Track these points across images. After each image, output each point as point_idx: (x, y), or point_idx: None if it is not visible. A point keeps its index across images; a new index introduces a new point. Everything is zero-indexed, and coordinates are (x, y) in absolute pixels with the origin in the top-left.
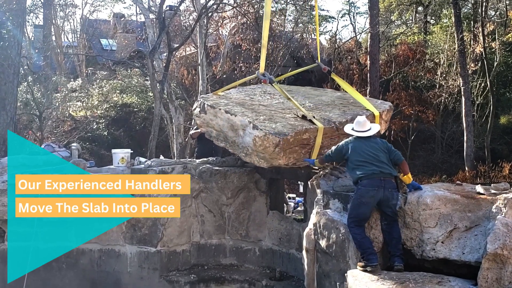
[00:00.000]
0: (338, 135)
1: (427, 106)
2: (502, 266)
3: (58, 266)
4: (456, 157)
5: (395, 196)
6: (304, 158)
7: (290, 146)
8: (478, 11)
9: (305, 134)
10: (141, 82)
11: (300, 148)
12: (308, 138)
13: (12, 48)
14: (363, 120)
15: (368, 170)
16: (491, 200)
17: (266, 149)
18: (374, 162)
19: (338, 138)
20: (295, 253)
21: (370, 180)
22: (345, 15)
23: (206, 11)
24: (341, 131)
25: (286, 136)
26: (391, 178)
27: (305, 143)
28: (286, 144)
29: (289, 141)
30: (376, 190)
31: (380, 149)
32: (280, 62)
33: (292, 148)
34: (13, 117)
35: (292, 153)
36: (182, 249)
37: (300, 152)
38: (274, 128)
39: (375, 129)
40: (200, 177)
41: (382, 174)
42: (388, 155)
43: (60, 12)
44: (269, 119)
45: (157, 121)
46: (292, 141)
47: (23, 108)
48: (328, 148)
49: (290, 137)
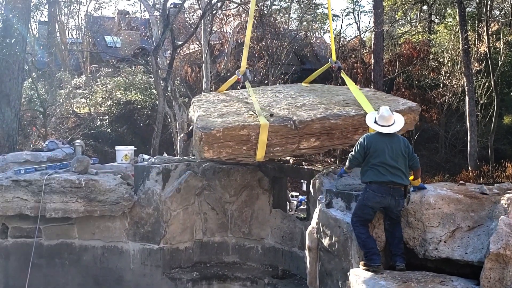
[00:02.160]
0: (298, 134)
1: (431, 105)
2: (504, 266)
3: (61, 263)
4: (460, 156)
5: (401, 204)
6: (277, 158)
7: (217, 140)
8: (483, 11)
9: (243, 131)
10: (145, 79)
11: (236, 143)
12: (248, 135)
13: (18, 44)
14: (388, 114)
15: (381, 177)
16: (494, 200)
17: (195, 142)
18: (389, 169)
19: (298, 137)
20: (297, 252)
21: (379, 187)
22: (350, 14)
23: (211, 8)
24: (303, 131)
25: (211, 130)
26: (401, 187)
27: (244, 139)
28: (212, 139)
29: (215, 136)
30: (383, 197)
31: (400, 153)
32: (284, 60)
33: (223, 143)
34: (17, 113)
35: (224, 148)
36: (185, 246)
37: (238, 148)
38: (208, 122)
39: (399, 124)
40: (203, 175)
41: (392, 183)
42: (407, 161)
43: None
44: (221, 114)
45: (160, 119)
46: (220, 136)
47: (27, 104)
48: (280, 146)
49: (217, 132)
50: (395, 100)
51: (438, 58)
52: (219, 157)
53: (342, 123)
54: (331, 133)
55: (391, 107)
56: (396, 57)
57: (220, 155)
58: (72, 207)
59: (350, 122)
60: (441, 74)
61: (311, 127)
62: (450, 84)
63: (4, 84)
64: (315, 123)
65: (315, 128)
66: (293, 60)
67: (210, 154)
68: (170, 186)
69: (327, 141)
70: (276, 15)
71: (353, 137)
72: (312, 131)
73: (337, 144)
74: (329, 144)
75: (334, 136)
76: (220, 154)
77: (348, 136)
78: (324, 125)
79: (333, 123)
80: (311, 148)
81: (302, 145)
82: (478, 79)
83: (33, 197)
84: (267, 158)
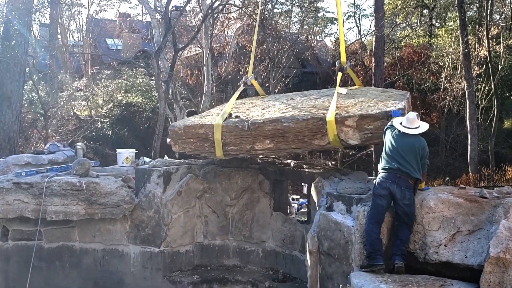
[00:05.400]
0: (251, 135)
1: (431, 109)
2: (504, 270)
3: (61, 265)
4: (460, 160)
5: (407, 196)
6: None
7: (180, 137)
8: (483, 15)
9: (201, 129)
10: (146, 82)
11: (198, 141)
12: (206, 133)
13: (19, 47)
14: (413, 117)
15: (389, 164)
16: (494, 204)
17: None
18: (398, 159)
19: (252, 137)
20: (298, 255)
21: (388, 173)
22: (351, 17)
23: (212, 12)
24: (256, 133)
25: (174, 128)
26: (408, 178)
27: (204, 137)
28: (176, 135)
29: (177, 133)
30: (390, 183)
31: (412, 150)
32: (285, 64)
33: (185, 140)
34: (18, 116)
35: (187, 144)
36: (186, 249)
37: (200, 145)
38: (178, 122)
39: (423, 127)
40: (204, 178)
41: (399, 171)
42: (418, 159)
43: (66, 11)
44: (204, 116)
45: (161, 121)
46: (182, 133)
47: (28, 106)
48: (235, 146)
49: (179, 130)
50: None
51: (439, 61)
52: (183, 151)
53: (296, 126)
54: (285, 136)
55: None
56: (397, 61)
57: (185, 150)
58: (73, 210)
59: (304, 125)
60: (442, 77)
61: (262, 129)
62: (451, 88)
63: (5, 86)
64: (267, 125)
65: (267, 130)
66: (294, 63)
67: (176, 148)
68: (171, 189)
69: (283, 144)
70: (277, 18)
71: (311, 141)
72: (265, 133)
73: (294, 148)
74: (286, 147)
75: (289, 139)
76: (185, 149)
77: (306, 140)
78: (276, 127)
79: (286, 126)
80: (267, 150)
81: (256, 146)
82: (478, 82)
83: (34, 200)
84: (227, 156)
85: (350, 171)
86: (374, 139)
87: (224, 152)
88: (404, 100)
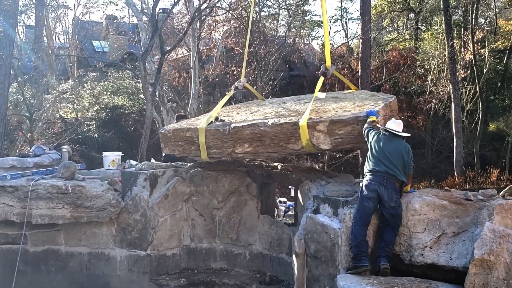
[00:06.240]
0: (232, 139)
1: (417, 112)
2: (489, 271)
3: (47, 269)
4: (446, 162)
5: (394, 198)
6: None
7: (169, 140)
8: (468, 19)
9: (188, 132)
10: (133, 84)
11: (185, 143)
12: (192, 136)
13: (4, 48)
14: (399, 121)
15: (376, 167)
16: (478, 206)
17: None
18: (385, 162)
19: (232, 141)
20: (285, 258)
21: (375, 176)
22: (337, 21)
23: (199, 14)
24: (236, 136)
25: (164, 131)
26: (395, 181)
27: (190, 140)
28: (165, 138)
29: (167, 136)
30: (378, 185)
31: (399, 153)
32: (272, 66)
33: (174, 142)
34: (3, 118)
35: (176, 146)
36: (172, 253)
37: (188, 147)
38: (169, 126)
39: (407, 133)
40: (191, 181)
41: (386, 174)
42: (405, 163)
43: (52, 13)
44: (196, 119)
45: (148, 124)
46: (171, 136)
47: (13, 109)
48: (217, 149)
49: (168, 133)
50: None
51: (425, 65)
52: (174, 153)
53: (271, 131)
54: (262, 140)
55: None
56: (383, 64)
57: (174, 152)
58: (59, 213)
59: (279, 130)
60: (428, 81)
61: (242, 132)
62: (436, 91)
63: None
64: (245, 129)
65: (246, 134)
66: (281, 66)
67: (166, 150)
68: (158, 192)
69: (261, 148)
70: (265, 21)
71: (286, 145)
72: (244, 136)
73: (271, 152)
74: (264, 151)
75: (266, 143)
76: (174, 152)
77: (281, 145)
78: (254, 131)
79: (262, 130)
80: (246, 153)
81: (237, 149)
82: (463, 86)
83: (19, 203)
84: (212, 159)
85: (336, 174)
86: (345, 144)
87: (209, 155)
88: (383, 103)
